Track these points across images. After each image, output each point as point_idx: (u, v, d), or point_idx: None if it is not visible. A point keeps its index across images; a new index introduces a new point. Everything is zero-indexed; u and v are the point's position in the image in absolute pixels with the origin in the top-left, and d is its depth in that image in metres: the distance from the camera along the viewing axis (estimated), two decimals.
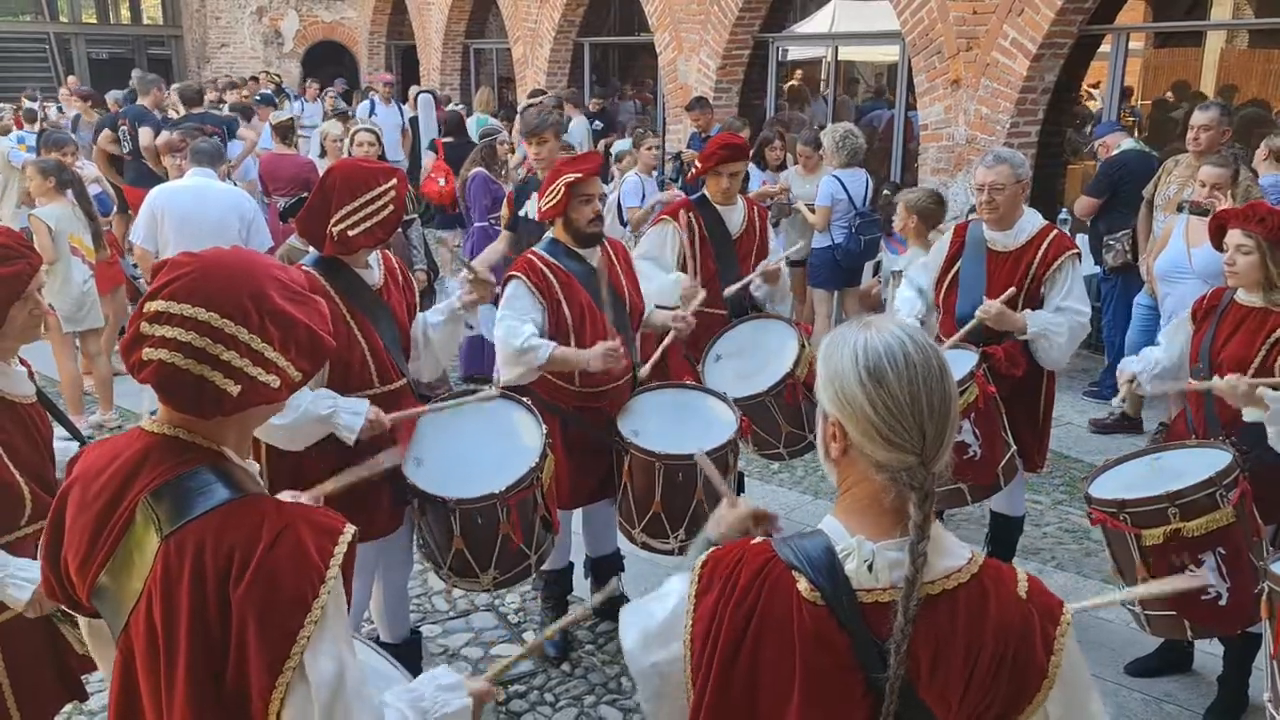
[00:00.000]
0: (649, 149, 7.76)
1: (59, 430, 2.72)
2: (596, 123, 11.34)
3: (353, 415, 3.00)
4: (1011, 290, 3.81)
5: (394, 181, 3.15)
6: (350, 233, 3.06)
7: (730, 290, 4.43)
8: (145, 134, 9.30)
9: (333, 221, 3.06)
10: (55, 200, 6.13)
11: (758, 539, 1.57)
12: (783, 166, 8.03)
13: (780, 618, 1.46)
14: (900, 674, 1.38)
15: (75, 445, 2.70)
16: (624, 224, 7.54)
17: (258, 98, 12.27)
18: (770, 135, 8.02)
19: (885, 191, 7.02)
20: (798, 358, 4.14)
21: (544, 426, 3.26)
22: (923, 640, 1.40)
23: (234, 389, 1.57)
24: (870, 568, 1.43)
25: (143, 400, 2.76)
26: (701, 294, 4.13)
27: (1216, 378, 3.21)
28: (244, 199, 6.23)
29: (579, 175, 3.60)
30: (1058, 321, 3.78)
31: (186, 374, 1.55)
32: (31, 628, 2.46)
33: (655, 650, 1.60)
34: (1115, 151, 6.67)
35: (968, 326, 3.83)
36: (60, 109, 13.25)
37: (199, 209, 5.83)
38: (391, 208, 3.11)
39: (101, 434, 6.20)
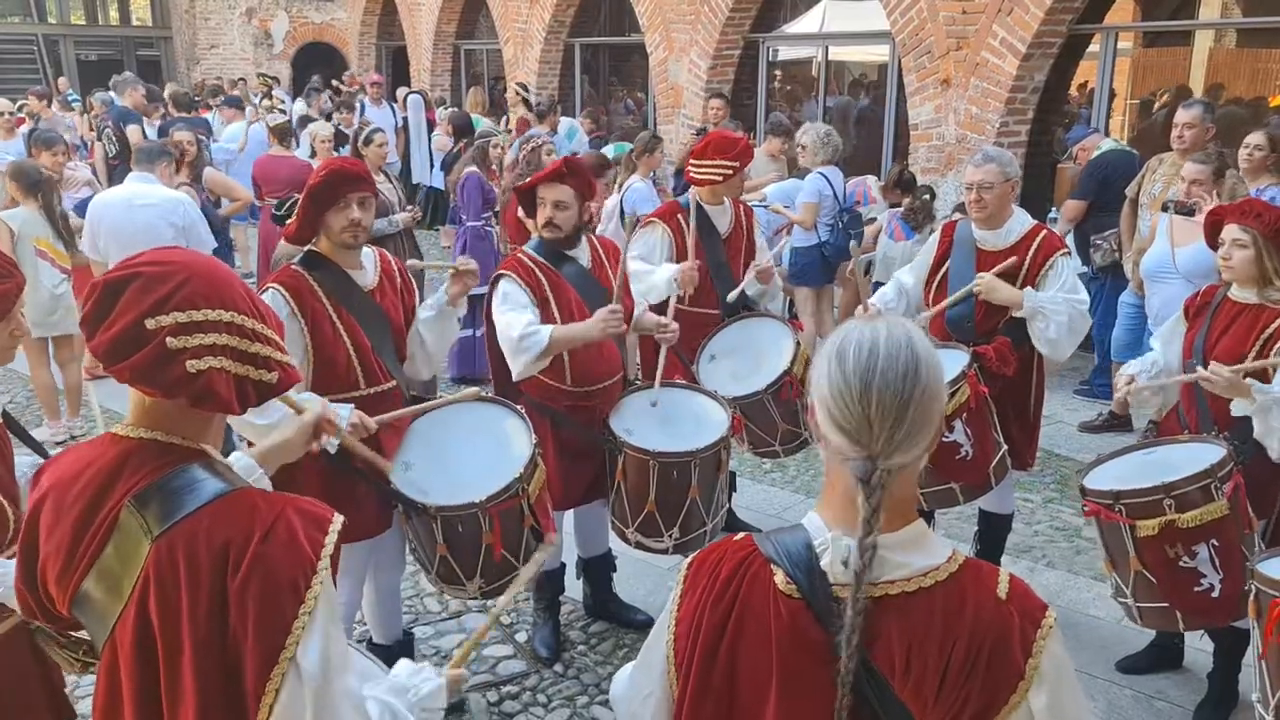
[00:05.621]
0: (660, 155, 7.61)
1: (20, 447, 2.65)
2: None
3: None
4: (1013, 260, 3.79)
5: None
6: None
7: (732, 295, 4.46)
8: (134, 132, 9.32)
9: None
10: (25, 203, 6.02)
11: (740, 535, 1.58)
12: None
13: (758, 611, 1.47)
14: (851, 668, 1.38)
15: (35, 461, 2.58)
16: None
17: (223, 100, 12.30)
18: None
19: (921, 194, 7.00)
20: (794, 355, 4.16)
21: (534, 436, 3.23)
22: (898, 637, 1.41)
23: (271, 377, 1.63)
24: (846, 563, 1.43)
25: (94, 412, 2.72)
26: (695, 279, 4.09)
27: (1200, 369, 3.21)
28: (178, 204, 5.91)
29: (524, 184, 3.71)
30: (1056, 300, 3.74)
31: (232, 376, 1.59)
32: (18, 649, 2.38)
33: (640, 679, 1.64)
34: (1097, 153, 6.70)
35: (958, 294, 3.83)
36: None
37: (127, 217, 5.69)
38: None
39: (69, 440, 6.14)
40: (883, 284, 4.70)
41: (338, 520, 1.63)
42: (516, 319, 3.50)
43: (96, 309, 1.56)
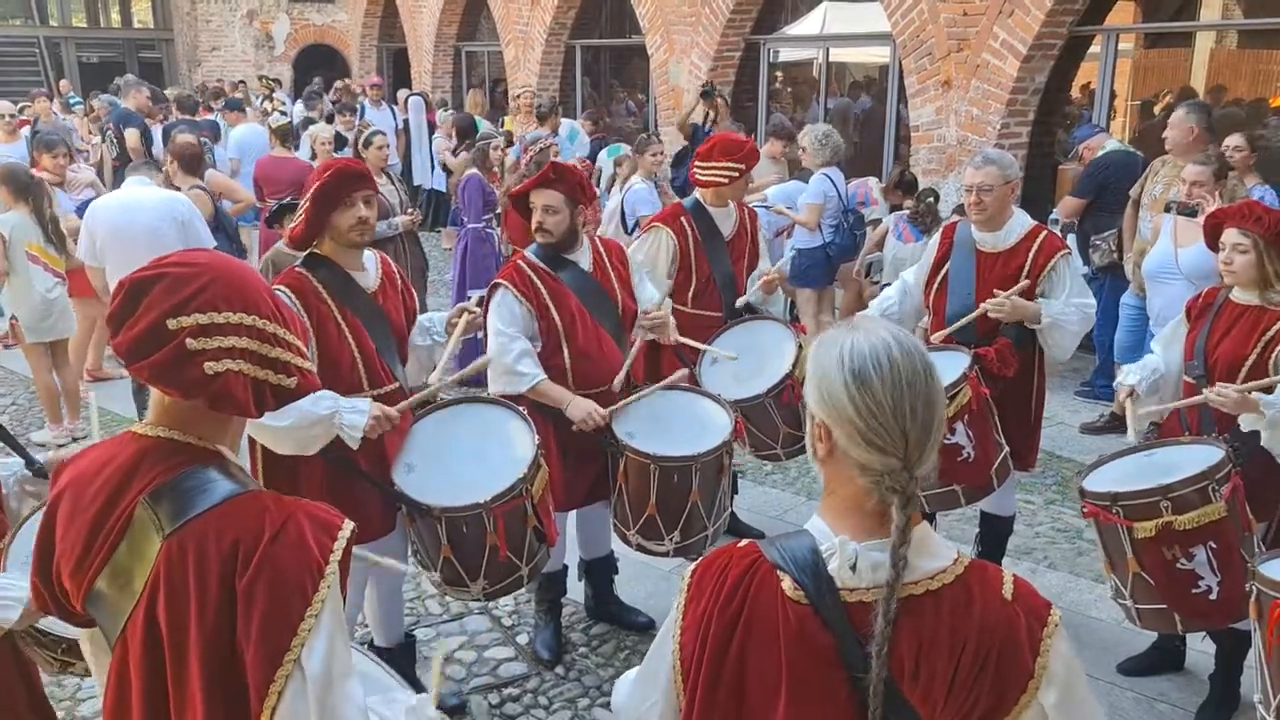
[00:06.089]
0: (654, 155, 7.62)
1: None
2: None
3: (356, 414, 2.97)
4: (1026, 283, 3.80)
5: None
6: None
7: (740, 303, 4.47)
8: (130, 135, 9.34)
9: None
10: (16, 207, 5.99)
11: (744, 542, 1.58)
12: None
13: (766, 618, 1.47)
14: (883, 676, 1.38)
15: (14, 463, 2.55)
16: (629, 232, 7.50)
17: (225, 103, 12.35)
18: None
19: (925, 197, 7.03)
20: (797, 358, 4.17)
21: (537, 437, 3.25)
22: (907, 640, 1.41)
23: (290, 383, 1.64)
24: (853, 568, 1.43)
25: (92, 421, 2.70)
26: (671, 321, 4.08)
27: (1208, 390, 3.23)
28: (176, 203, 5.90)
29: (516, 191, 3.75)
30: (1068, 310, 3.80)
31: (250, 379, 1.59)
32: (2, 654, 2.38)
33: (644, 687, 1.64)
34: (1102, 152, 6.70)
35: (967, 318, 3.82)
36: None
37: (128, 220, 5.67)
38: None
39: (68, 442, 6.13)
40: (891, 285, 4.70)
41: (348, 526, 1.62)
42: (508, 345, 3.55)
43: (122, 307, 1.58)
